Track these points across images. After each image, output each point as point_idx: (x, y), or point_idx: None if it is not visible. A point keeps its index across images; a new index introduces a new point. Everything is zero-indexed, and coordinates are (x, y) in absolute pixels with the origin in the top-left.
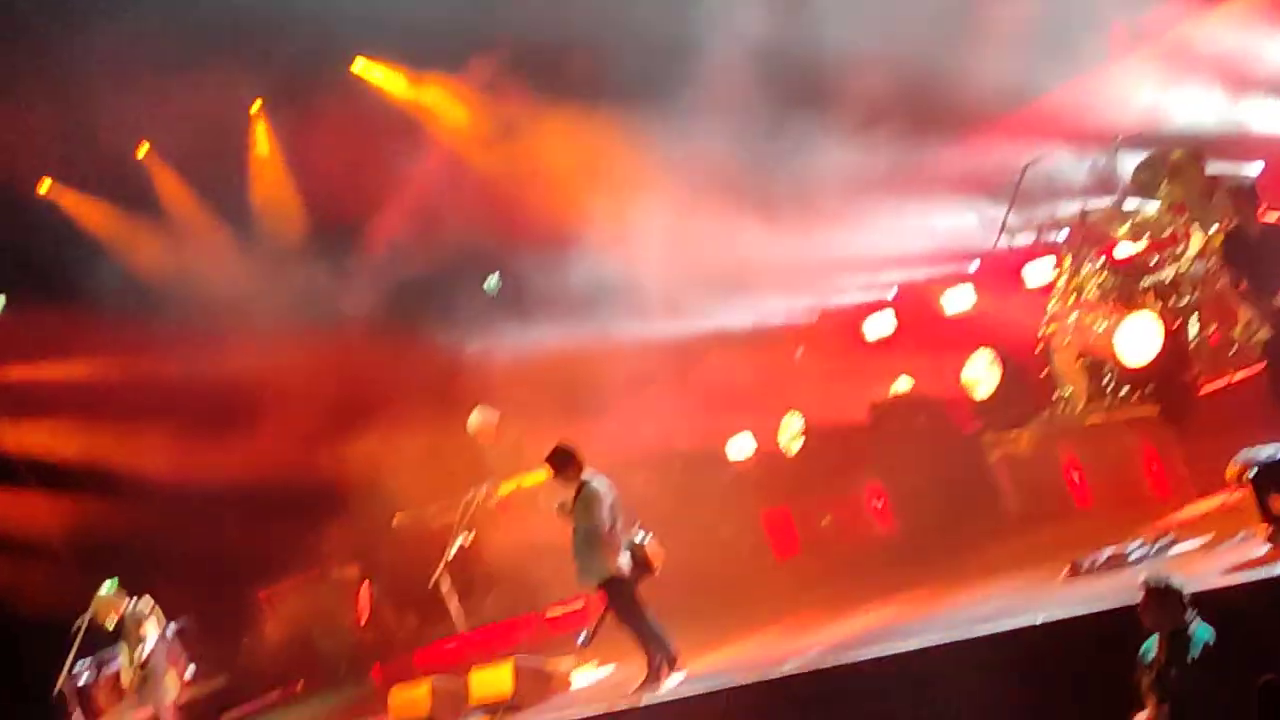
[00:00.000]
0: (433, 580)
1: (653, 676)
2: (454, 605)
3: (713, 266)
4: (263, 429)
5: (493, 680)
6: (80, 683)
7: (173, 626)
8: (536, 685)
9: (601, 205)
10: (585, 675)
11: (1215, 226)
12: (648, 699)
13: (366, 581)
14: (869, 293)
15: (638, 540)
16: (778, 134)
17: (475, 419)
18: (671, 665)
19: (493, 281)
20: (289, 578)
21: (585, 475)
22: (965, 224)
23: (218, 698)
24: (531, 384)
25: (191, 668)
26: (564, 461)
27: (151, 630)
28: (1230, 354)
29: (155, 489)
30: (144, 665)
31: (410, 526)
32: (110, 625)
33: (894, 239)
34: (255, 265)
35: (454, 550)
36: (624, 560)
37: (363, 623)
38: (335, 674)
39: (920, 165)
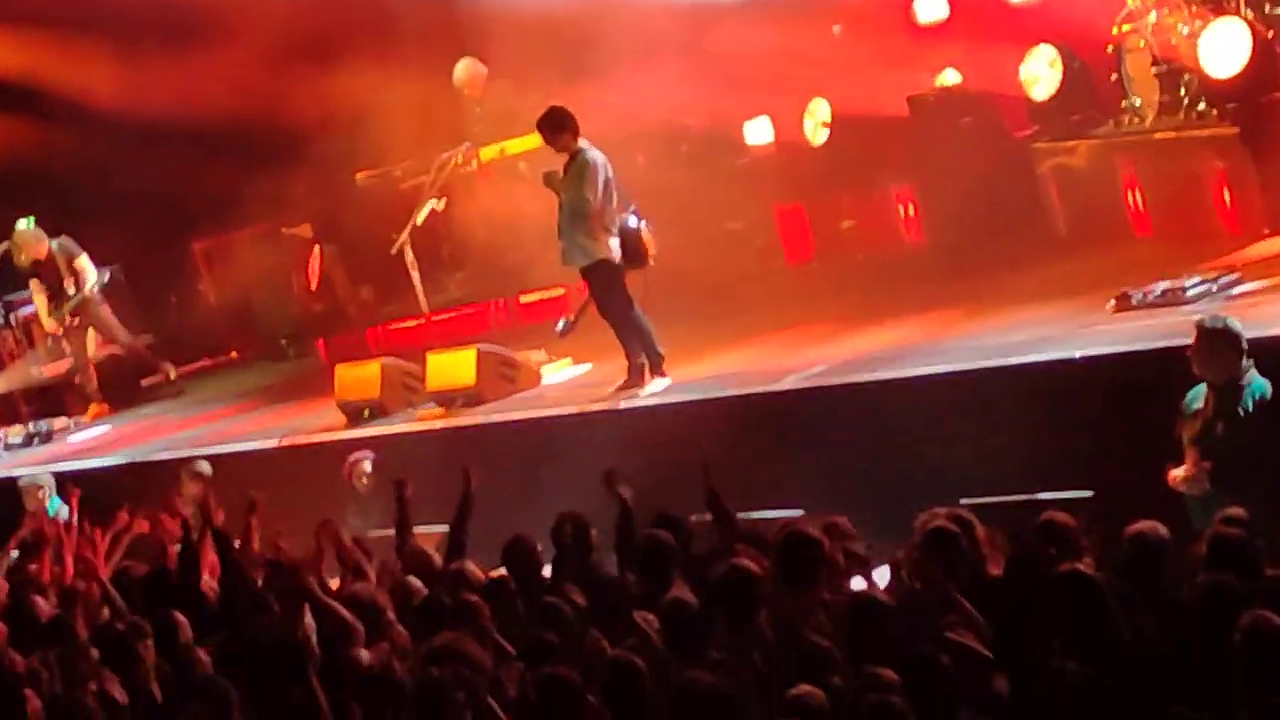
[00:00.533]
0: (395, 248)
1: (633, 379)
2: (416, 280)
3: None
4: (219, 52)
5: (452, 366)
6: None
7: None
8: (502, 377)
9: None
10: (558, 372)
11: None
12: (625, 403)
13: (319, 244)
14: None
15: (631, 225)
16: None
17: (461, 70)
18: (656, 369)
19: None
20: (231, 231)
21: (580, 145)
22: None
23: (140, 359)
24: (528, 37)
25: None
26: (558, 125)
27: (90, 271)
28: None
29: (90, 114)
30: (76, 312)
31: (375, 186)
32: (24, 263)
33: None
34: None
35: (422, 216)
36: (614, 244)
37: (312, 289)
38: (275, 344)
39: None
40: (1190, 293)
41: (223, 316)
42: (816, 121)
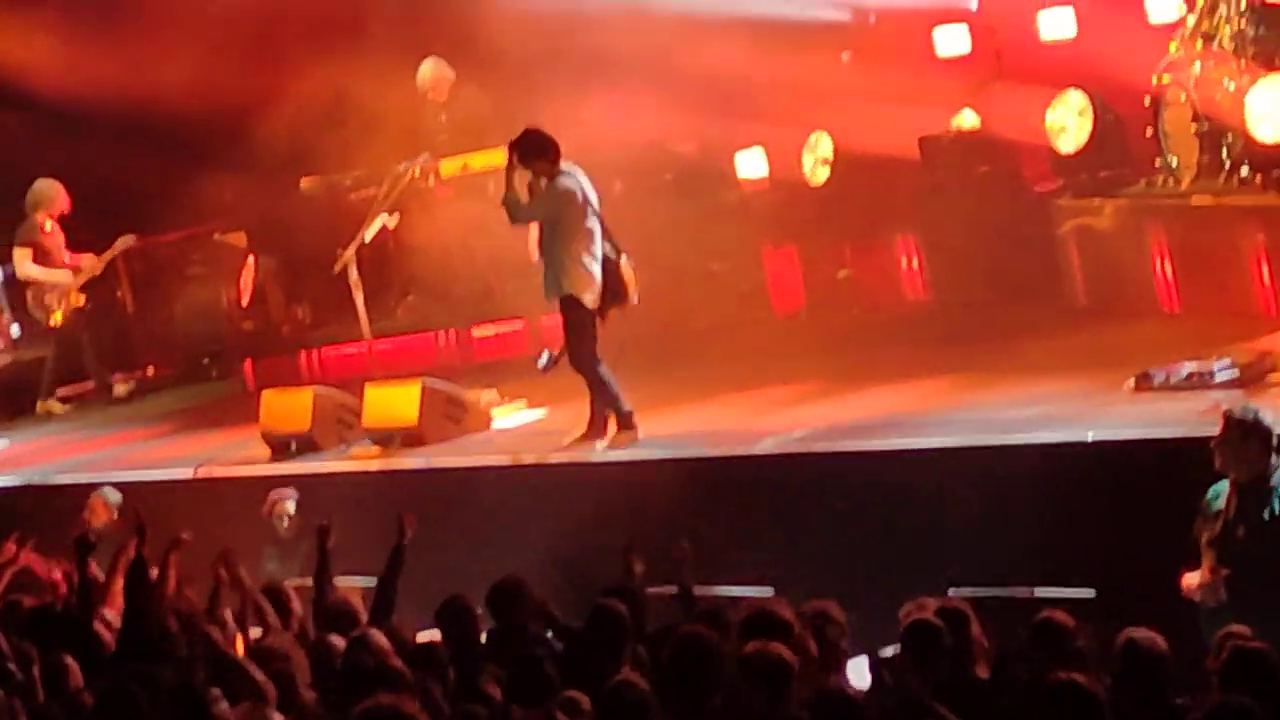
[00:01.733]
0: (339, 265)
1: (594, 431)
2: (359, 302)
3: None
4: (156, 34)
5: (394, 402)
6: None
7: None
8: (447, 417)
9: None
10: (510, 415)
11: None
12: (583, 455)
13: (254, 255)
14: None
15: (610, 258)
16: None
17: (426, 71)
18: (622, 424)
19: None
20: (157, 233)
21: (562, 167)
22: None
23: (42, 369)
24: (502, 39)
25: (15, 328)
26: (537, 151)
27: None
28: None
29: (11, 93)
30: None
31: (321, 194)
32: None
33: None
34: None
35: (372, 232)
36: (596, 278)
37: (243, 305)
38: (197, 363)
39: None
40: (1218, 377)
41: (140, 328)
42: (817, 158)
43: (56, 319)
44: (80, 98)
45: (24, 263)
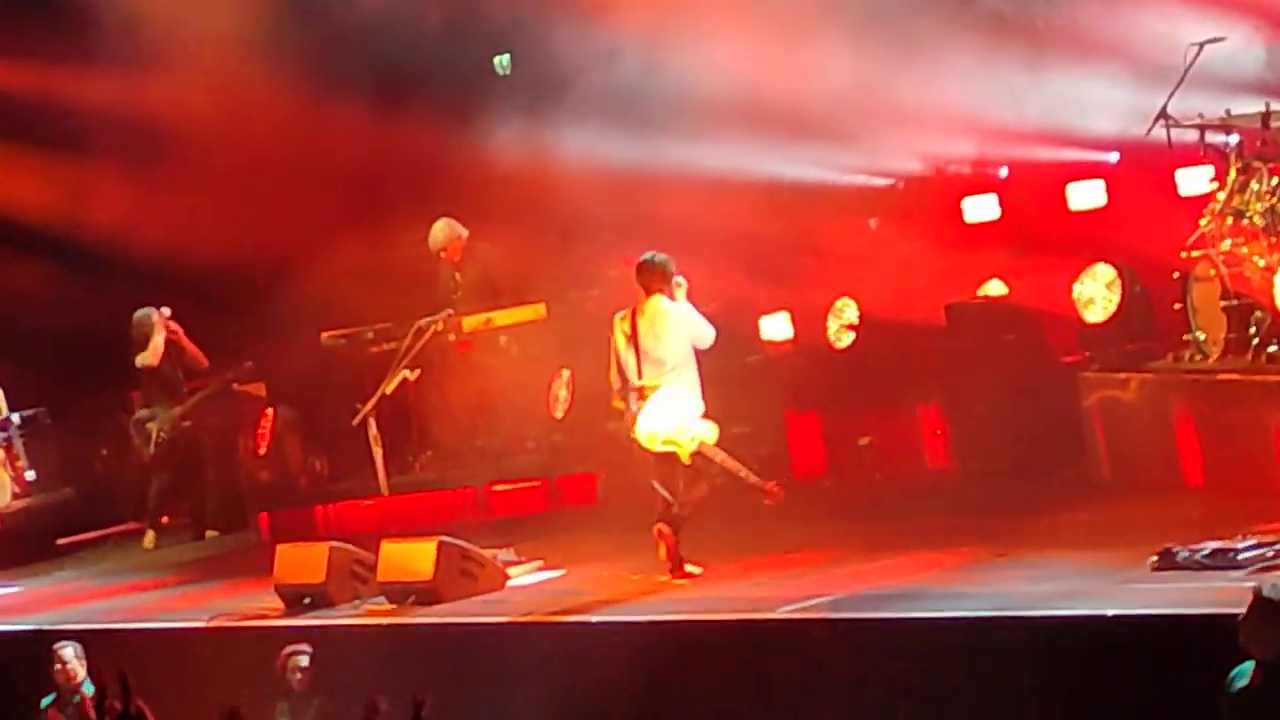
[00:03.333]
0: (358, 419)
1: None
2: (378, 457)
3: (782, 94)
4: (183, 180)
5: (409, 558)
6: None
7: (16, 416)
8: (463, 574)
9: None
10: (527, 575)
11: None
12: (597, 616)
13: (273, 405)
14: (976, 166)
15: None
16: None
17: (439, 232)
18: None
19: (505, 61)
20: None
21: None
22: (1112, 103)
23: (58, 514)
24: (518, 199)
25: (31, 473)
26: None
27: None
28: None
29: (24, 234)
30: None
31: (342, 348)
32: None
33: (1020, 104)
34: None
35: (392, 386)
36: None
37: (260, 454)
38: (214, 512)
39: (1065, 13)
40: (1243, 556)
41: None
42: (841, 323)
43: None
44: (97, 243)
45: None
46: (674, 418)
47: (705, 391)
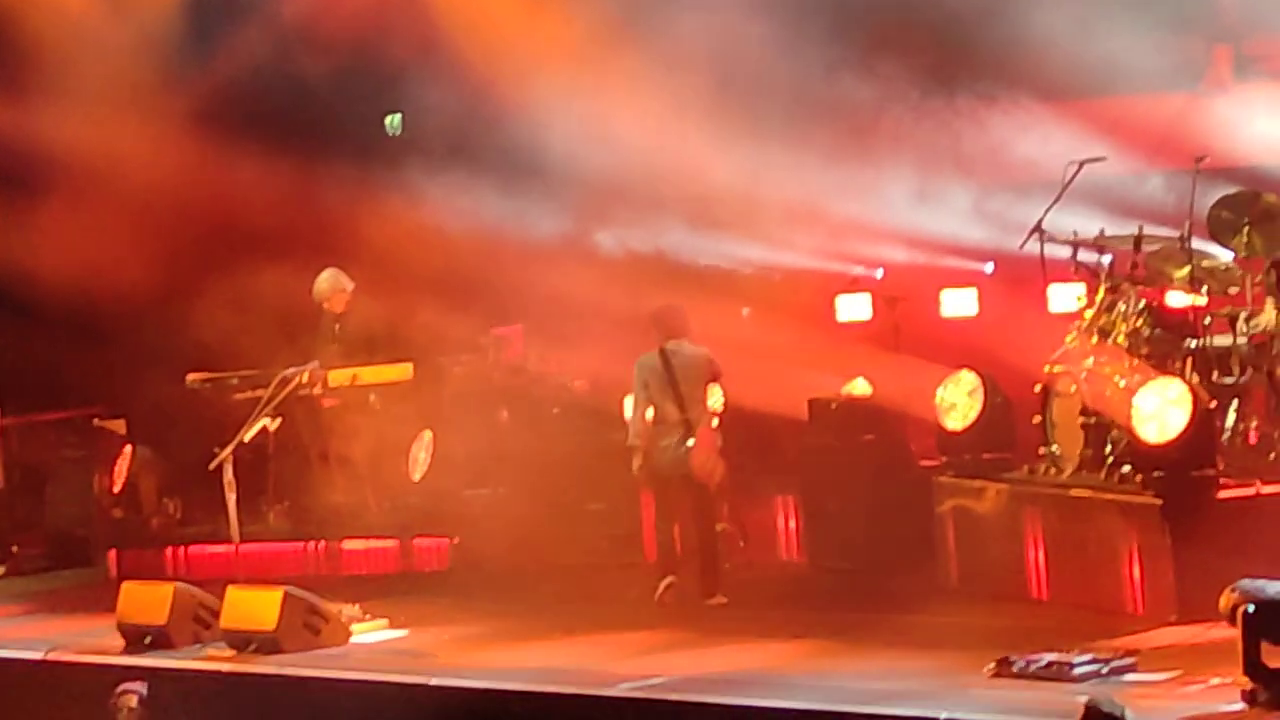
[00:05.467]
0: (215, 463)
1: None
2: (231, 503)
3: (669, 174)
4: (56, 213)
5: (254, 606)
6: None
7: None
8: (306, 627)
9: (556, 71)
10: (370, 633)
11: None
12: (436, 680)
13: (131, 444)
14: (851, 265)
15: None
16: (794, 46)
17: (324, 283)
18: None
19: (395, 121)
20: (35, 412)
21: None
22: (989, 213)
23: None
24: (406, 259)
25: None
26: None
27: None
28: (1268, 459)
29: None
30: None
31: (206, 391)
32: None
33: (900, 208)
34: (119, 28)
35: (251, 434)
36: None
37: (114, 492)
38: (62, 546)
39: (951, 123)
40: (1077, 670)
41: (5, 511)
42: (706, 408)
43: None
44: None
45: None
46: (715, 448)
47: (564, 468)
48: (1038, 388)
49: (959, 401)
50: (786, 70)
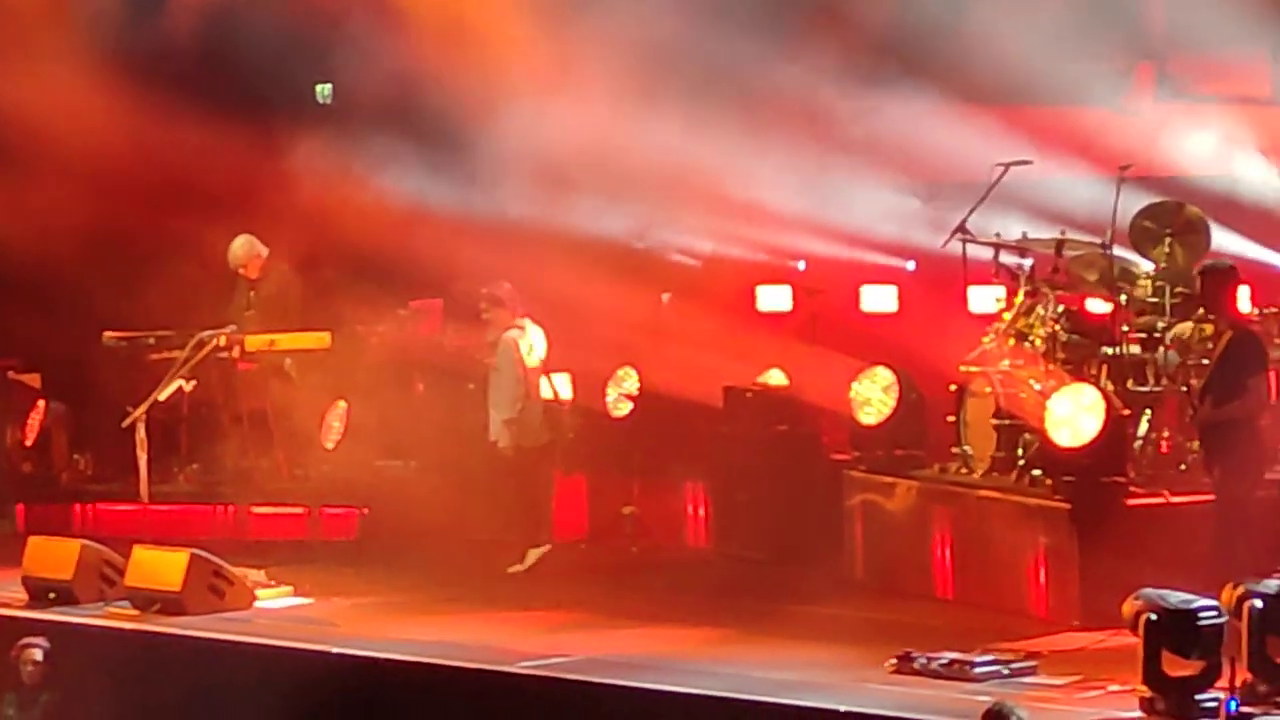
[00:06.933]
0: (128, 421)
1: None
2: (143, 463)
3: (595, 158)
4: None
5: (159, 566)
6: None
7: None
8: (211, 590)
9: (485, 47)
10: (275, 599)
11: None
12: (337, 648)
13: (45, 399)
14: (773, 256)
15: None
16: (726, 29)
17: (239, 248)
18: None
19: (325, 91)
20: None
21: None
22: (915, 212)
23: None
24: (328, 228)
25: None
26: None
27: None
28: (1178, 469)
29: None
30: None
31: (122, 351)
32: None
33: (824, 202)
34: None
35: (166, 394)
36: None
37: (26, 446)
38: None
39: (879, 118)
40: (978, 669)
41: None
42: (621, 391)
43: None
44: None
45: None
46: None
47: (477, 444)
48: (953, 387)
49: (874, 397)
50: (717, 53)
